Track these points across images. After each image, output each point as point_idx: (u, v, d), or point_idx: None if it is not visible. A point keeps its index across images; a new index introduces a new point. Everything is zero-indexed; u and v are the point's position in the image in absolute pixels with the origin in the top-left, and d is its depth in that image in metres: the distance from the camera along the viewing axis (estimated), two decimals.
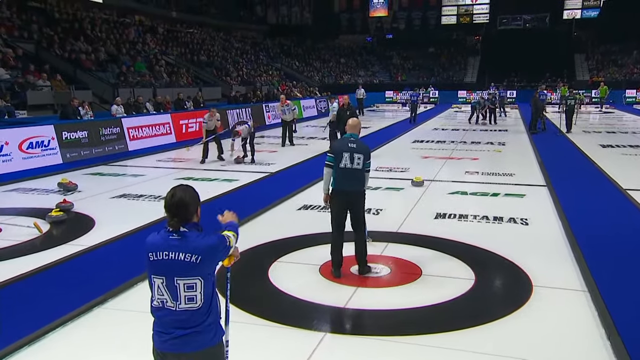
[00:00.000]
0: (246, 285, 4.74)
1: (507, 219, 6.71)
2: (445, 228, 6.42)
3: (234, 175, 10.02)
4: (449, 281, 4.80)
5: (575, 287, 4.54)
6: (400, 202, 7.83)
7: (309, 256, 5.43)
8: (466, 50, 42.33)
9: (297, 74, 35.97)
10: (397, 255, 5.48)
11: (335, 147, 5.00)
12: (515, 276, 4.88)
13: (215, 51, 29.72)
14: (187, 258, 2.26)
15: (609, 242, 5.72)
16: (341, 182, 4.87)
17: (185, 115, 16.46)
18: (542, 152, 12.29)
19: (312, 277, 4.92)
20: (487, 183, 8.99)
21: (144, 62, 21.05)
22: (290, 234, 6.18)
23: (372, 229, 6.28)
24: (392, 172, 10.24)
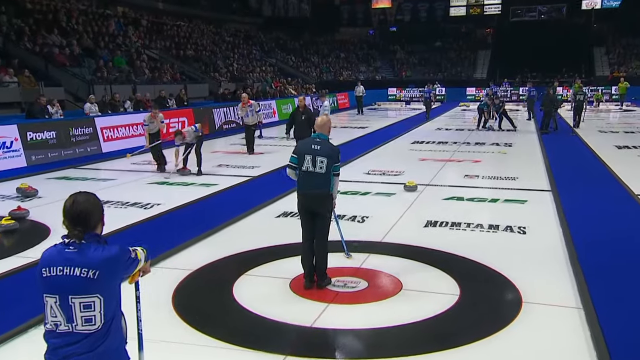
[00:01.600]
0: (205, 301, 4.64)
1: (504, 228, 6.60)
2: (434, 237, 6.32)
3: (212, 180, 9.94)
4: (431, 297, 4.69)
5: (569, 304, 4.43)
6: (389, 208, 7.73)
7: (281, 269, 5.34)
8: (476, 44, 42.31)
9: (293, 69, 35.96)
10: (377, 267, 5.38)
11: (298, 147, 4.93)
12: (504, 291, 4.77)
13: (204, 45, 29.73)
14: (84, 273, 2.15)
15: (612, 255, 5.60)
16: (303, 186, 4.82)
17: (166, 114, 16.29)
18: (551, 154, 12.19)
19: (280, 292, 4.82)
20: (487, 188, 8.89)
21: (125, 57, 21.02)
22: (265, 244, 6.08)
23: (355, 238, 6.24)
24: (385, 175, 10.15)
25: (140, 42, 24.00)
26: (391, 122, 22.12)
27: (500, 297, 4.68)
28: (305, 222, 4.92)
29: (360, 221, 7.10)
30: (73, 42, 18.97)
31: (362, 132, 18.03)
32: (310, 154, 4.78)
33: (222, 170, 11.07)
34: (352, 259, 5.60)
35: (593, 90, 30.93)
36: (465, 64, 40.62)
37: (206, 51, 29.07)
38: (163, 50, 25.19)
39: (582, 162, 11.61)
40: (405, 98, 34.35)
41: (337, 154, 4.85)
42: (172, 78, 22.27)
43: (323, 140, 4.86)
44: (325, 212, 4.85)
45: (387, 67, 41.85)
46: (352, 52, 43.42)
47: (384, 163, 11.43)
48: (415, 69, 40.88)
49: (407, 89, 34.96)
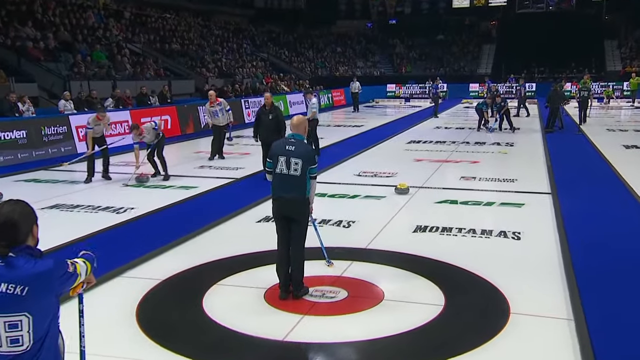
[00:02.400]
0: (172, 314, 4.60)
1: (497, 233, 6.58)
2: (423, 243, 6.30)
3: (193, 182, 9.91)
4: (414, 307, 4.66)
5: (560, 315, 4.40)
6: (378, 212, 7.71)
7: (256, 278, 5.30)
8: (480, 38, 42.40)
9: (286, 65, 35.95)
10: (359, 276, 5.35)
11: (272, 149, 4.89)
12: (491, 301, 4.75)
13: (191, 39, 29.68)
14: (10, 289, 2.09)
15: (610, 263, 5.57)
16: (277, 189, 4.80)
17: (147, 112, 16.34)
18: (554, 154, 12.19)
19: (253, 303, 4.78)
20: (483, 190, 8.87)
21: (104, 51, 20.97)
22: (243, 251, 6.05)
23: (338, 245, 6.23)
24: (377, 177, 10.14)
25: (122, 35, 23.96)
26: (388, 120, 22.12)
27: (486, 307, 4.65)
28: (280, 228, 4.89)
29: (345, 226, 7.07)
30: (49, 35, 18.91)
31: (357, 130, 18.03)
32: (284, 155, 4.75)
33: (204, 172, 11.03)
34: (333, 267, 5.56)
35: (603, 86, 31.01)
36: (469, 58, 40.69)
37: (193, 45, 29.04)
38: (146, 44, 25.15)
39: (586, 162, 11.62)
40: (405, 95, 34.37)
41: (313, 155, 4.83)
42: (156, 74, 22.24)
43: (298, 140, 4.83)
44: (301, 218, 4.82)
45: (386, 62, 41.88)
46: (349, 46, 43.44)
47: (377, 164, 11.42)
48: (416, 64, 40.93)
49: (406, 86, 34.97)
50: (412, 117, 23.50)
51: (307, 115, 12.40)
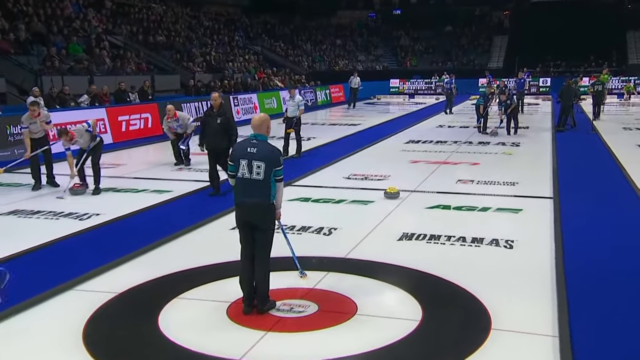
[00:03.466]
0: (123, 332, 4.55)
1: (489, 241, 6.55)
2: (407, 252, 6.28)
3: (168, 185, 9.90)
4: (387, 322, 4.63)
5: (544, 332, 4.36)
6: (363, 219, 7.69)
7: (221, 291, 5.27)
8: (492, 29, 42.38)
9: (281, 58, 35.97)
10: (333, 288, 5.32)
11: (233, 152, 4.86)
12: (472, 316, 4.71)
13: (178, 31, 29.71)
14: None
15: (606, 277, 5.52)
16: (239, 195, 4.78)
17: (125, 110, 16.38)
18: (562, 155, 12.17)
19: (214, 319, 4.75)
20: (480, 194, 8.84)
21: (82, 44, 20.98)
22: (213, 261, 6.02)
23: (316, 254, 6.21)
24: (367, 180, 10.12)
25: (101, 26, 23.98)
26: (388, 118, 22.12)
27: (466, 323, 4.61)
28: (243, 237, 4.86)
29: (326, 234, 7.05)
30: (20, 26, 18.93)
31: (353, 129, 18.02)
32: (246, 158, 4.72)
33: (181, 175, 11.01)
34: (306, 279, 5.53)
35: (624, 81, 30.93)
36: (479, 51, 40.66)
37: (180, 37, 29.05)
38: (128, 37, 25.17)
39: (595, 164, 11.57)
40: (410, 91, 34.36)
41: (277, 157, 4.78)
42: (138, 68, 22.24)
43: (260, 141, 4.80)
44: (265, 225, 4.79)
45: (389, 56, 41.88)
46: (349, 39, 43.44)
47: (369, 166, 11.40)
48: (422, 57, 40.93)
49: (411, 81, 34.98)
50: (415, 114, 23.50)
51: (296, 114, 12.40)
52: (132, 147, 14.92)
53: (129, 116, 16.29)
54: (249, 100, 22.83)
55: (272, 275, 5.54)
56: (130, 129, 16.25)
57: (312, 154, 13.35)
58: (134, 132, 16.24)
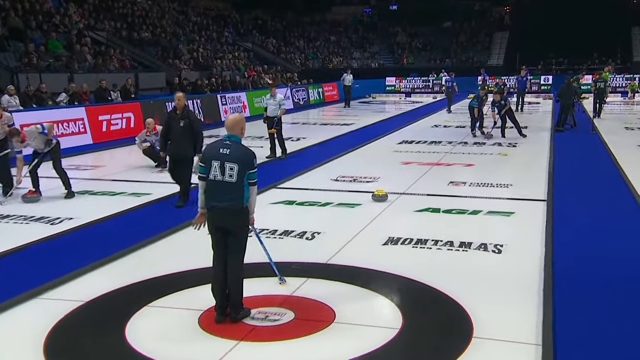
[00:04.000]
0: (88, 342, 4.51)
1: (477, 245, 6.55)
2: (392, 258, 6.28)
3: (147, 188, 9.87)
4: (365, 331, 4.62)
5: (527, 340, 4.36)
6: (349, 222, 7.68)
7: (195, 298, 5.24)
8: (492, 25, 42.53)
9: (273, 55, 36.00)
10: (312, 295, 5.31)
11: (205, 153, 4.84)
12: (453, 324, 4.71)
13: (164, 27, 29.71)
14: None
15: (597, 283, 5.51)
16: (211, 198, 4.75)
17: (106, 109, 16.35)
18: (559, 156, 12.20)
19: (185, 328, 4.72)
20: (472, 197, 8.85)
21: (62, 40, 20.93)
22: (191, 266, 5.99)
23: (296, 259, 6.20)
24: (356, 182, 10.12)
25: (83, 22, 23.93)
26: (383, 117, 22.16)
27: (447, 331, 4.60)
28: (216, 242, 4.84)
29: (309, 238, 7.04)
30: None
31: (345, 129, 18.04)
32: (218, 159, 4.70)
33: (162, 177, 10.94)
34: (285, 285, 5.52)
35: (628, 79, 31.06)
36: (478, 48, 40.82)
37: (166, 34, 29.05)
38: (111, 32, 25.13)
39: (593, 165, 11.60)
40: (406, 89, 34.41)
41: (251, 159, 4.76)
42: (121, 65, 22.21)
43: (234, 142, 4.77)
44: (238, 230, 4.77)
45: (385, 53, 41.99)
46: (344, 35, 43.51)
47: (358, 167, 11.41)
48: (419, 54, 41.06)
49: (408, 79, 35.02)
50: (411, 114, 23.53)
51: (277, 113, 12.38)
52: (113, 148, 14.89)
53: (110, 116, 16.26)
54: (238, 99, 22.82)
55: (250, 282, 5.55)
56: (112, 129, 16.22)
57: (300, 154, 13.35)
58: (116, 133, 16.20)
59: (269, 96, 12.72)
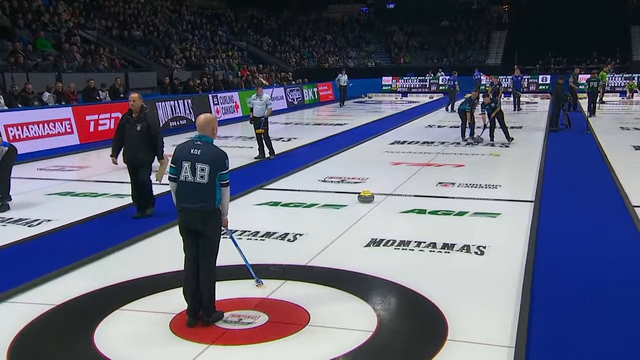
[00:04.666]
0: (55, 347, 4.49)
1: (460, 247, 6.54)
2: (373, 259, 6.28)
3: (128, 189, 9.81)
4: (339, 333, 4.61)
5: (502, 343, 4.35)
6: (332, 224, 7.68)
7: (170, 301, 5.22)
8: (490, 24, 42.53)
9: (267, 55, 35.98)
10: (288, 298, 5.30)
11: (175, 153, 4.83)
12: (428, 327, 4.71)
13: (156, 25, 29.67)
14: None
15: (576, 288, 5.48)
16: (182, 199, 4.74)
17: (94, 109, 16.32)
18: (551, 157, 12.22)
19: (155, 332, 4.70)
20: (459, 198, 8.84)
21: (51, 39, 20.90)
22: (164, 269, 5.97)
23: (277, 261, 6.20)
24: (343, 183, 10.10)
25: (73, 20, 23.90)
26: (377, 117, 22.15)
27: (421, 334, 4.61)
28: (187, 244, 4.82)
29: (290, 240, 7.03)
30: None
31: (337, 129, 18.03)
32: (189, 160, 4.69)
33: None
34: (262, 288, 5.50)
35: (627, 79, 31.09)
36: (476, 47, 40.85)
37: (158, 32, 29.01)
38: (102, 31, 25.10)
39: (584, 166, 11.58)
40: (403, 89, 34.43)
41: (223, 160, 4.74)
42: (111, 65, 22.17)
43: (205, 143, 4.76)
44: (209, 232, 4.75)
45: (382, 52, 41.99)
46: (340, 34, 43.51)
47: (347, 168, 11.39)
48: (416, 54, 41.07)
49: (404, 78, 35.05)
50: (406, 114, 23.54)
51: (263, 114, 12.36)
52: (101, 149, 14.81)
53: (97, 115, 16.23)
54: (230, 99, 22.80)
55: (226, 285, 5.56)
56: (100, 129, 16.18)
57: (289, 155, 13.34)
58: (104, 133, 16.13)
59: (255, 96, 12.71)
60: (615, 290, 5.37)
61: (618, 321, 4.77)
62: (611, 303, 5.11)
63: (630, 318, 4.82)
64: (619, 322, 4.76)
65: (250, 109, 12.89)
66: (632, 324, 4.70)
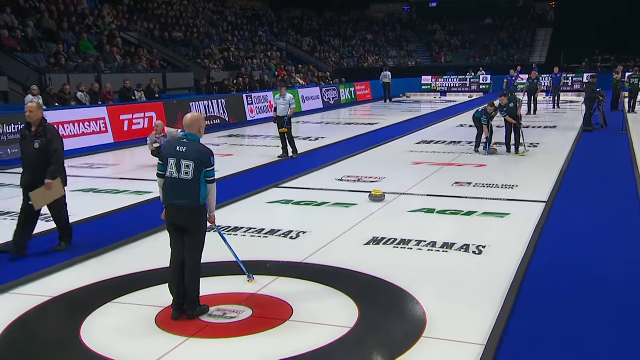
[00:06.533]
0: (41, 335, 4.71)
1: (459, 246, 6.50)
2: (369, 257, 6.32)
3: (149, 186, 10.06)
4: (317, 328, 4.68)
5: (474, 340, 4.33)
6: (338, 222, 7.70)
7: (159, 295, 5.34)
8: (535, 21, 41.61)
9: (307, 54, 36.16)
10: (277, 293, 5.37)
11: (163, 150, 4.97)
12: (406, 323, 4.72)
13: (197, 26, 30.23)
14: None
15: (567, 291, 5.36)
16: (168, 195, 4.87)
17: (128, 109, 16.76)
18: (577, 157, 11.91)
19: (140, 324, 4.84)
20: (471, 197, 8.74)
21: (93, 41, 21.58)
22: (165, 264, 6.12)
23: (275, 257, 6.28)
24: (359, 182, 10.11)
25: (116, 23, 24.60)
26: (410, 116, 21.97)
27: (397, 331, 4.62)
28: (173, 239, 4.95)
29: (293, 237, 7.10)
30: (29, 22, 19.59)
31: (366, 129, 18.00)
32: (174, 156, 4.82)
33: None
34: (253, 283, 5.59)
35: None
36: (520, 45, 40.05)
37: (199, 34, 29.55)
38: (143, 33, 25.74)
39: (609, 168, 11.20)
40: (442, 88, 34.03)
41: (208, 157, 4.85)
42: (150, 65, 22.72)
43: (191, 140, 4.88)
44: (194, 228, 4.86)
45: (422, 51, 41.62)
46: (381, 33, 43.33)
47: (365, 167, 11.38)
48: (457, 52, 40.54)
49: (444, 77, 34.62)
50: (440, 113, 23.29)
51: (287, 113, 12.46)
52: (134, 147, 15.25)
53: (131, 115, 16.66)
54: (264, 99, 22.99)
55: (218, 279, 5.69)
56: (133, 128, 16.62)
57: (313, 154, 13.41)
58: (137, 132, 16.57)
59: (279, 96, 12.83)
60: (606, 294, 5.25)
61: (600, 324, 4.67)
62: (598, 306, 5.00)
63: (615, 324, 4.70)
64: (601, 325, 4.66)
65: (275, 108, 13.04)
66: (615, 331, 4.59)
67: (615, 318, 4.80)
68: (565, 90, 29.99)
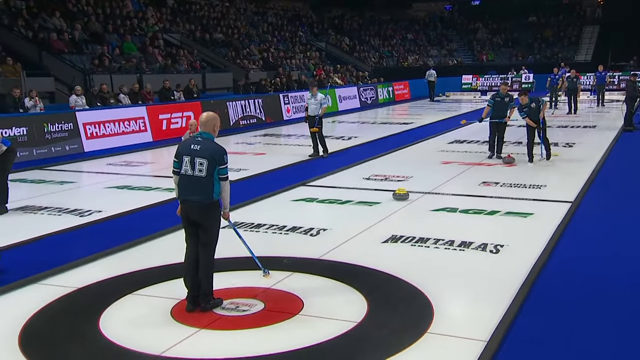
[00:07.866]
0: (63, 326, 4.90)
1: (477, 245, 6.48)
2: (385, 255, 6.38)
3: None
4: (324, 322, 4.77)
5: (479, 337, 4.34)
6: (359, 220, 7.76)
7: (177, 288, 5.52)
8: (582, 19, 40.56)
9: (346, 54, 36.20)
10: (291, 289, 5.49)
11: (178, 148, 5.14)
12: (412, 321, 4.76)
13: (238, 28, 30.67)
14: None
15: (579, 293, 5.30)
16: (183, 192, 5.03)
17: (167, 109, 17.17)
18: (613, 158, 11.64)
19: (156, 316, 5.01)
20: (496, 197, 8.69)
21: (137, 43, 22.17)
22: None
23: (293, 254, 6.41)
24: (386, 181, 10.15)
25: (159, 25, 25.19)
26: (446, 116, 21.77)
27: (403, 327, 4.66)
28: (188, 234, 5.11)
29: (313, 235, 7.21)
30: (77, 26, 20.29)
31: (400, 129, 17.97)
32: (189, 154, 4.99)
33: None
34: (269, 278, 5.72)
35: None
36: (565, 43, 39.09)
37: (240, 35, 29.98)
38: (185, 34, 26.28)
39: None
40: (483, 87, 33.53)
41: (221, 155, 4.99)
42: (190, 66, 23.21)
43: (205, 139, 5.04)
44: (207, 223, 5.01)
45: (464, 50, 41.11)
46: (422, 32, 43.02)
47: (394, 167, 11.40)
48: (500, 51, 39.88)
49: (485, 76, 34.10)
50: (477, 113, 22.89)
51: (318, 112, 12.56)
52: (171, 146, 15.62)
53: (170, 114, 17.06)
54: (301, 99, 23.13)
55: (235, 274, 5.85)
56: (172, 128, 17.01)
57: (343, 153, 13.48)
58: (175, 131, 16.95)
59: (310, 95, 12.95)
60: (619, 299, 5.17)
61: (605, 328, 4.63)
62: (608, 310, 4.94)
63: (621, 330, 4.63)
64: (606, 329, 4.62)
65: (306, 107, 13.17)
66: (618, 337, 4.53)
67: (622, 324, 4.72)
68: (612, 89, 29.20)
